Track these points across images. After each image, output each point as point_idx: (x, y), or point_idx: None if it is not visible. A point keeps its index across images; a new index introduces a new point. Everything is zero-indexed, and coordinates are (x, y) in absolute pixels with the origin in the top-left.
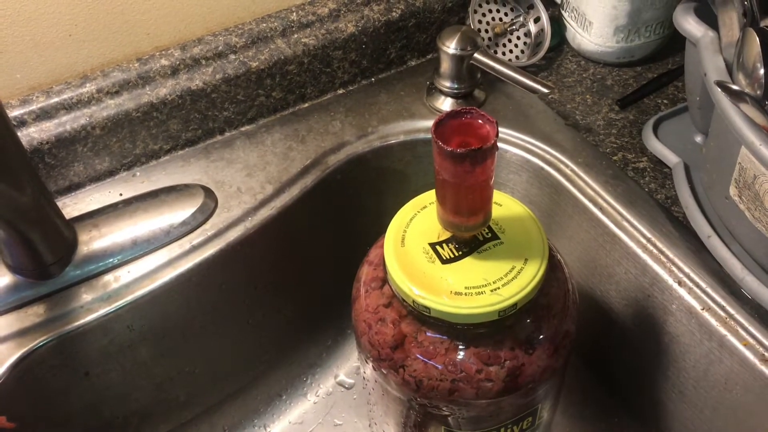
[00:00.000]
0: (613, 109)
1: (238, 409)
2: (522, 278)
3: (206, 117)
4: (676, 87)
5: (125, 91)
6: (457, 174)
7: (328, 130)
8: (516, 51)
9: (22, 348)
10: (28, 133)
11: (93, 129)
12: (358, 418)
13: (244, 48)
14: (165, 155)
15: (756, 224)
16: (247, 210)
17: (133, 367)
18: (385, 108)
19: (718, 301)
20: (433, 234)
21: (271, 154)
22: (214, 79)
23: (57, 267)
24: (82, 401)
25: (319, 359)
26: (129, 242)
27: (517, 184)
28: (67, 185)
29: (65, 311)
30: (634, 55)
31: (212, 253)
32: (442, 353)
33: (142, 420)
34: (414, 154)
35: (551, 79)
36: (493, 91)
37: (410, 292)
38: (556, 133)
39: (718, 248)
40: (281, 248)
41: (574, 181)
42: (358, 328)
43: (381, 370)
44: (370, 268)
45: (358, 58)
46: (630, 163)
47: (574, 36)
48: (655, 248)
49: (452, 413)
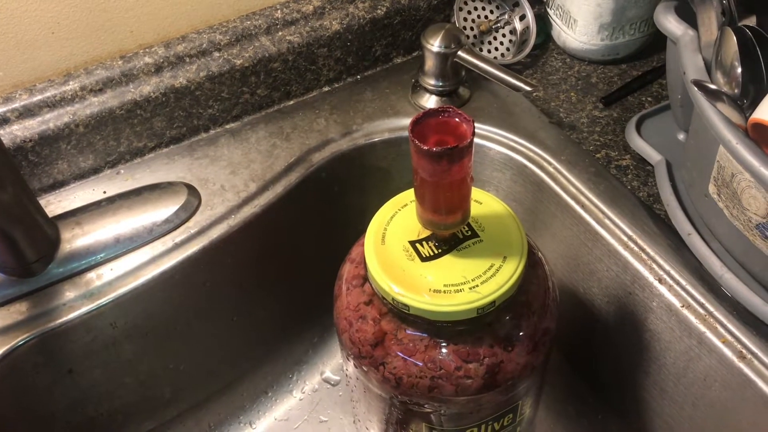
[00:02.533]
0: (597, 106)
1: (224, 406)
2: (501, 276)
3: (190, 115)
4: (661, 84)
5: (109, 89)
6: (435, 172)
7: (312, 127)
8: (501, 48)
9: (5, 346)
10: (11, 130)
11: (77, 127)
12: (344, 414)
13: (228, 45)
14: (149, 153)
15: (734, 222)
16: (230, 208)
17: (116, 364)
18: (370, 105)
19: (697, 299)
20: (414, 232)
21: (256, 151)
22: (198, 76)
23: (39, 265)
24: (65, 399)
25: (305, 356)
26: (112, 240)
27: (501, 181)
28: (51, 183)
29: (48, 309)
30: (619, 52)
31: (195, 250)
32: (422, 350)
33: (127, 417)
34: (398, 151)
35: (536, 77)
36: (478, 88)
37: (390, 290)
38: (540, 131)
39: (698, 246)
40: (265, 246)
41: (557, 179)
42: (340, 326)
43: (362, 367)
44: (352, 266)
45: (344, 55)
46: (613, 160)
47: (560, 34)
48: (636, 246)
49: (433, 410)
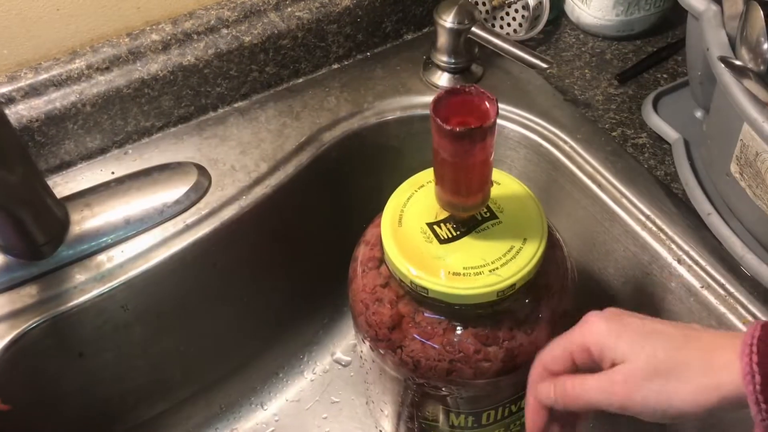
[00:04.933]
0: (612, 83)
1: (235, 387)
2: (521, 258)
3: (198, 93)
4: (676, 61)
5: (115, 67)
6: (456, 153)
7: (323, 106)
8: (514, 24)
9: (15, 329)
10: (17, 110)
11: (83, 106)
12: (355, 395)
13: (236, 22)
14: (157, 132)
15: (757, 202)
16: (241, 188)
17: (128, 346)
18: (381, 83)
19: (717, 279)
20: (431, 213)
21: (265, 131)
22: (207, 54)
23: (49, 247)
24: (77, 382)
25: (316, 337)
26: (122, 221)
27: (515, 160)
28: (58, 163)
29: (58, 292)
30: (634, 28)
31: (207, 232)
32: (440, 334)
33: (139, 399)
34: (410, 130)
35: (549, 54)
36: (491, 65)
37: (408, 272)
38: (555, 109)
39: (718, 226)
40: (276, 226)
41: (572, 158)
42: (355, 308)
43: (378, 350)
44: (367, 248)
45: (353, 32)
46: (629, 139)
47: (573, 9)
48: (655, 226)
49: (450, 393)
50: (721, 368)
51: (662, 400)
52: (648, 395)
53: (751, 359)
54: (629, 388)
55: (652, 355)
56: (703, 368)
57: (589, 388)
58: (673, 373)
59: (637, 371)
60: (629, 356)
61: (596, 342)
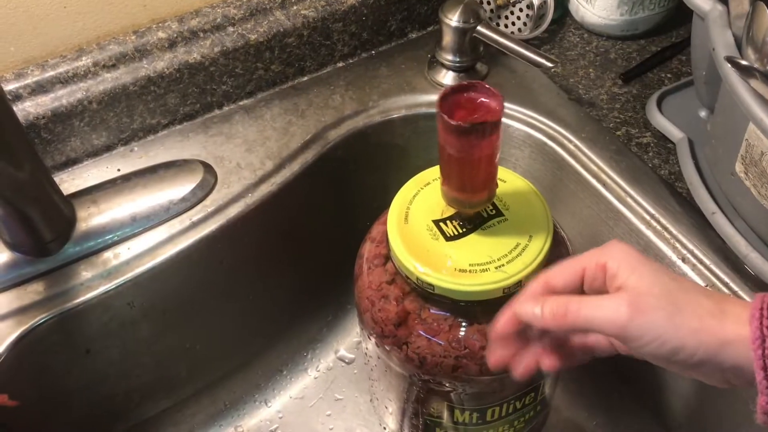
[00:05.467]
0: (617, 83)
1: (239, 384)
2: (526, 255)
3: (204, 91)
4: (680, 60)
5: (122, 65)
6: (462, 148)
7: (328, 104)
8: (518, 23)
9: (22, 326)
10: (24, 107)
11: (90, 103)
12: (359, 392)
13: (242, 20)
14: (163, 130)
15: (762, 201)
16: (247, 186)
17: (134, 343)
18: (386, 82)
19: (722, 278)
20: (437, 211)
21: (271, 128)
22: (212, 52)
23: (56, 244)
24: (83, 378)
25: (320, 334)
26: (128, 219)
27: (520, 159)
28: (64, 161)
29: (65, 288)
30: (638, 27)
31: (213, 229)
32: (446, 330)
33: (144, 396)
34: (415, 129)
35: (554, 53)
36: (496, 64)
37: (414, 269)
38: (559, 108)
39: (723, 225)
40: (281, 224)
41: (577, 157)
42: (361, 305)
43: (384, 346)
44: (373, 245)
45: (359, 30)
46: (633, 138)
47: (578, 8)
48: (659, 224)
49: (455, 389)
50: (730, 317)
51: (669, 327)
52: (655, 320)
53: (761, 323)
54: (637, 309)
55: (666, 285)
56: (712, 311)
57: (593, 306)
58: (684, 306)
59: (649, 296)
60: (642, 283)
61: (616, 258)
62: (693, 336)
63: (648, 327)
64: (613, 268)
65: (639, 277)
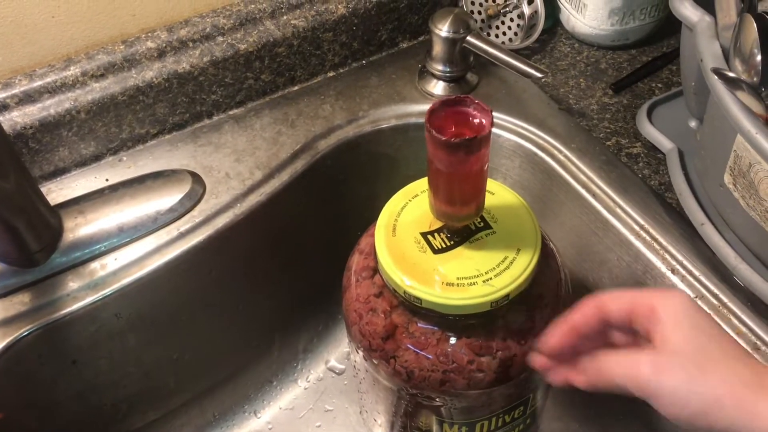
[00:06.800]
0: (607, 93)
1: (229, 395)
2: (514, 269)
3: (193, 100)
4: (671, 71)
5: (110, 74)
6: (451, 163)
7: (318, 113)
8: (509, 33)
9: (8, 337)
10: (11, 117)
11: (78, 113)
12: (349, 403)
13: (232, 30)
14: (152, 139)
15: (750, 212)
16: (235, 196)
17: (121, 354)
18: (376, 91)
19: (711, 289)
20: (425, 223)
21: (260, 138)
22: (202, 61)
23: (42, 254)
24: (70, 389)
25: (310, 345)
26: (116, 229)
27: (510, 169)
28: (52, 170)
29: (51, 299)
30: (629, 38)
31: (200, 239)
32: (434, 344)
33: (131, 407)
34: (405, 138)
35: (545, 63)
36: (486, 74)
37: (401, 282)
38: (550, 118)
39: (712, 236)
40: (270, 234)
41: (567, 167)
42: (349, 318)
43: (372, 360)
44: (361, 257)
45: (349, 40)
46: (623, 148)
47: (568, 18)
48: (648, 235)
49: (444, 403)
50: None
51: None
52: (673, 382)
53: None
54: (657, 369)
55: (701, 346)
56: (748, 381)
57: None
58: (711, 370)
59: (676, 356)
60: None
61: (668, 306)
62: (716, 403)
63: (666, 388)
64: (662, 316)
65: (678, 332)
